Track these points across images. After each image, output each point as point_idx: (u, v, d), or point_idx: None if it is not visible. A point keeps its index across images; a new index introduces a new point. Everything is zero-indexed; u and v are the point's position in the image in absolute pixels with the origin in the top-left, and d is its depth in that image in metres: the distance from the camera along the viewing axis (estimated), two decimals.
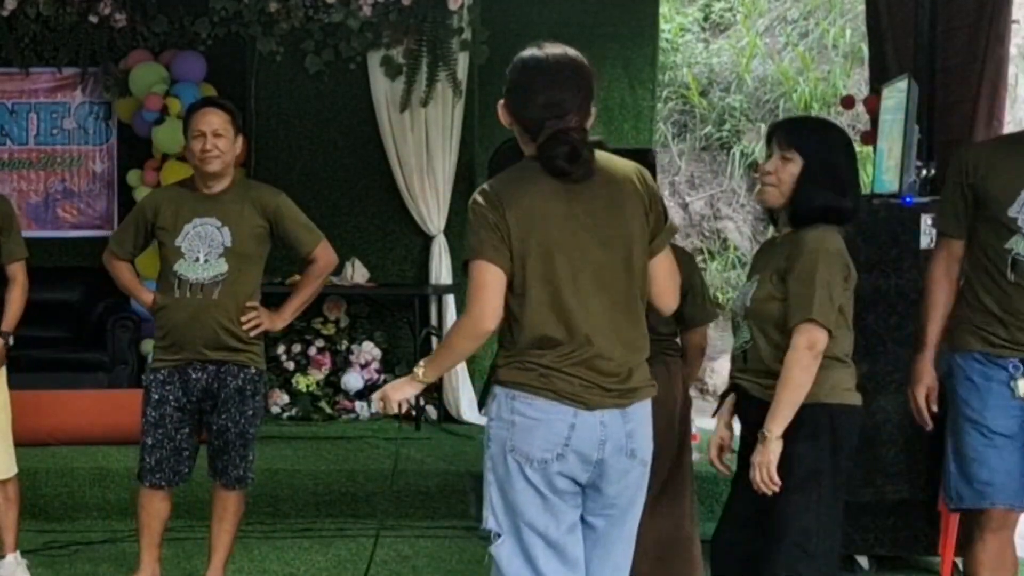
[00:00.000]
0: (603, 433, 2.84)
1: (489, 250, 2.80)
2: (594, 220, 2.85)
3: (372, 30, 7.21)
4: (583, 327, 2.82)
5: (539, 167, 2.85)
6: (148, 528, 4.42)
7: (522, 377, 2.82)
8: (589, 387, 2.82)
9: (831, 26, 11.33)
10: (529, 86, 2.85)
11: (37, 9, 7.32)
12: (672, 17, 11.74)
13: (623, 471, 2.89)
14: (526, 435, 2.81)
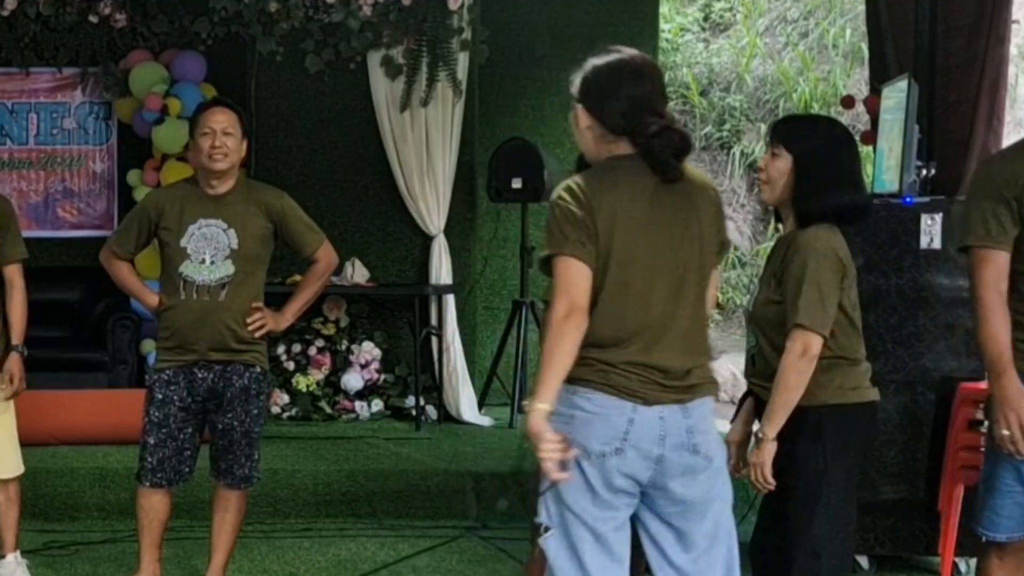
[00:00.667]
0: (662, 428, 2.84)
1: (577, 247, 2.79)
2: (673, 223, 2.87)
3: (372, 30, 7.21)
4: (649, 327, 2.84)
5: (629, 166, 2.86)
6: (148, 528, 4.41)
7: (583, 373, 2.82)
8: (647, 383, 2.83)
9: (831, 26, 11.33)
10: (620, 86, 2.88)
11: (37, 9, 7.32)
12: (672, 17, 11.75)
13: (687, 467, 2.88)
14: (584, 428, 2.82)
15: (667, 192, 2.86)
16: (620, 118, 2.86)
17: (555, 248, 2.81)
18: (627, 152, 2.88)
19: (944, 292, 4.93)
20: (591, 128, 2.93)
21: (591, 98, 2.91)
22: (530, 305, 7.27)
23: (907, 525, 4.98)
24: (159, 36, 7.53)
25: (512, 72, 8.01)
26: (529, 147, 7.22)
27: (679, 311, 2.88)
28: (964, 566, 4.97)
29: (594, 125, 2.92)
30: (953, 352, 4.93)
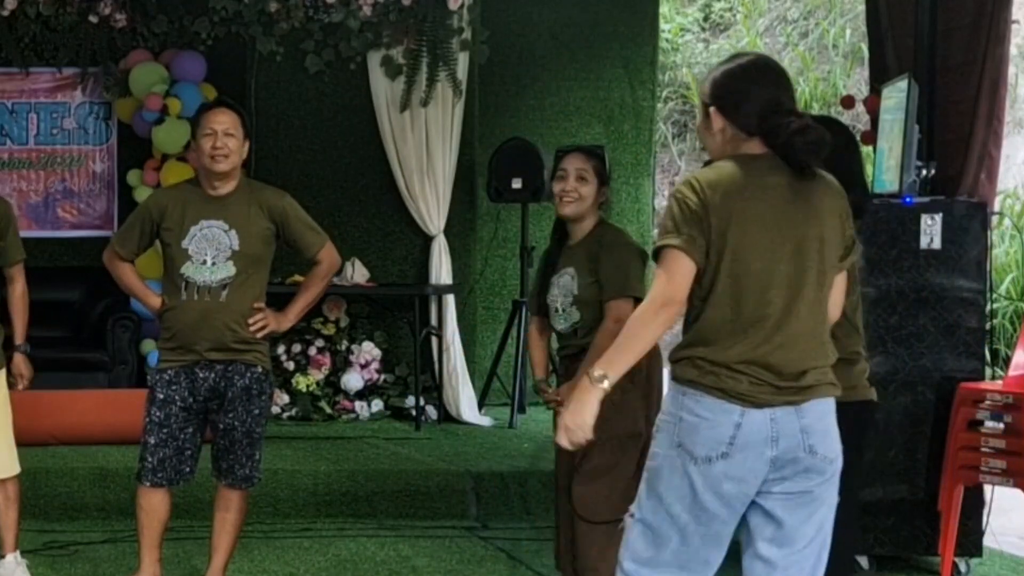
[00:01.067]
0: (774, 430, 2.82)
1: (686, 241, 2.80)
2: (796, 223, 2.86)
3: (372, 30, 7.22)
4: (763, 325, 2.83)
5: (757, 164, 2.87)
6: (149, 528, 4.41)
7: (693, 374, 2.84)
8: (759, 384, 2.82)
9: (831, 26, 11.33)
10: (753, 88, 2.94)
11: (37, 9, 7.32)
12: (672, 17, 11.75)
13: (803, 468, 2.85)
14: (691, 432, 2.82)
15: (793, 193, 2.86)
16: (755, 119, 2.89)
17: (665, 240, 2.83)
18: (759, 151, 2.89)
19: (944, 292, 4.93)
20: (724, 130, 2.95)
21: (725, 101, 2.96)
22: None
23: (907, 525, 4.98)
24: (159, 36, 7.53)
25: (512, 72, 8.01)
26: (529, 147, 7.22)
27: (796, 311, 2.85)
28: (964, 566, 4.97)
29: (727, 126, 2.95)
30: (953, 352, 4.93)
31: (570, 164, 4.15)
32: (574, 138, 8.16)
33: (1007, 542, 5.43)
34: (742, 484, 2.82)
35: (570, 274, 4.13)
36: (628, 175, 8.21)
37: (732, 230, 2.81)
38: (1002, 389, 4.72)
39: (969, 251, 4.93)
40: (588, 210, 4.18)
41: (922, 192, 5.09)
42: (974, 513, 4.93)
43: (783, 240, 2.84)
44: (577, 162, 4.15)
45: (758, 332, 2.82)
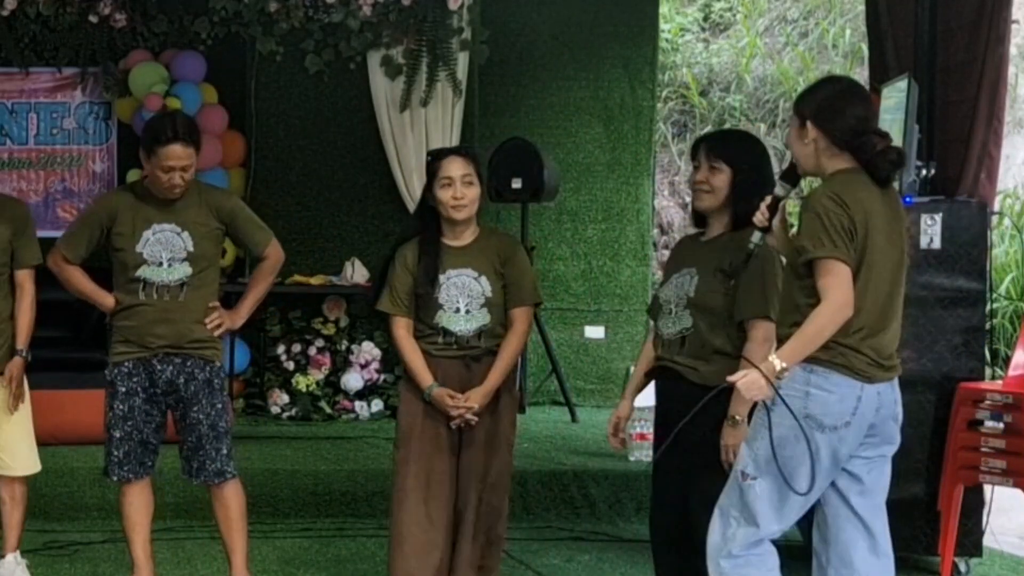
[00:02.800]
0: (879, 402, 3.36)
1: (843, 251, 3.23)
2: (893, 230, 3.35)
3: (372, 30, 7.22)
4: (877, 315, 3.33)
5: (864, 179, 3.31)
6: (139, 524, 4.44)
7: (822, 354, 3.26)
8: (872, 364, 3.33)
9: (831, 26, 11.33)
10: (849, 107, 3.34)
11: (37, 9, 7.32)
12: (672, 17, 11.74)
13: (890, 433, 3.45)
14: (821, 405, 3.28)
15: (889, 202, 3.35)
16: (849, 135, 3.32)
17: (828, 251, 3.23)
18: (850, 165, 3.33)
19: (944, 292, 4.93)
20: (816, 141, 3.36)
21: (822, 116, 3.35)
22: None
23: (907, 525, 4.97)
24: (159, 36, 7.52)
25: (512, 72, 8.01)
26: (529, 147, 7.22)
27: (892, 302, 3.39)
28: (964, 566, 4.97)
29: (820, 138, 3.35)
30: (953, 352, 4.93)
31: (454, 171, 4.13)
32: (574, 138, 8.18)
33: (1007, 542, 5.44)
34: (850, 448, 3.35)
35: (471, 276, 4.13)
36: (628, 175, 8.21)
37: (869, 237, 3.27)
38: (1002, 389, 4.73)
39: (969, 251, 4.93)
40: (475, 214, 4.20)
41: (922, 192, 5.09)
42: (974, 513, 4.94)
43: (887, 243, 3.32)
44: (460, 167, 4.14)
45: (874, 323, 3.32)
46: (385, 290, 4.23)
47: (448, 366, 4.15)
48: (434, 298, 4.12)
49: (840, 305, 3.21)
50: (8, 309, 4.57)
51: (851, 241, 3.24)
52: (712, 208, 3.81)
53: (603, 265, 8.19)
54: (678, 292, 3.78)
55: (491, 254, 4.17)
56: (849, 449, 3.34)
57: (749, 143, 4.03)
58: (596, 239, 8.19)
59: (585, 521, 5.82)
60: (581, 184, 8.15)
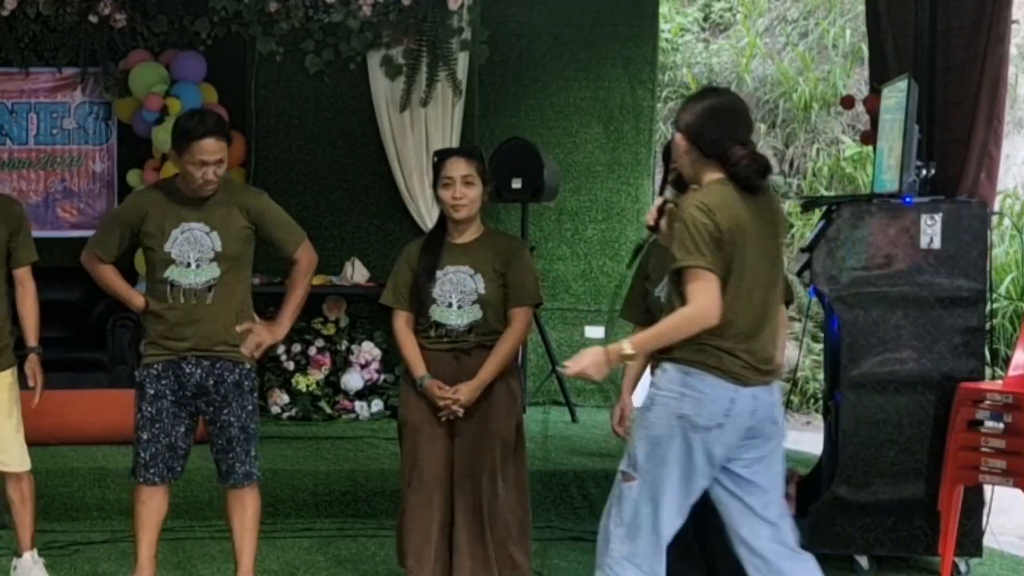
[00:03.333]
0: (754, 405, 3.42)
1: (708, 260, 3.32)
2: (762, 232, 3.44)
3: (372, 30, 7.21)
4: (751, 320, 3.41)
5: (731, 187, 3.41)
6: (148, 526, 4.42)
7: (698, 356, 3.37)
8: (748, 367, 3.40)
9: (831, 26, 11.32)
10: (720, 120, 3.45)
11: (37, 9, 7.32)
12: (672, 17, 11.74)
13: (768, 435, 3.49)
14: (694, 405, 3.37)
15: (757, 210, 3.43)
16: (714, 146, 3.42)
17: (692, 260, 3.33)
18: (721, 175, 3.43)
19: (944, 292, 4.93)
20: (689, 153, 3.48)
21: (690, 128, 3.47)
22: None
23: (907, 525, 4.98)
24: (159, 36, 7.53)
25: (512, 72, 8.01)
26: (529, 147, 7.22)
27: (766, 307, 3.47)
28: (964, 566, 4.97)
29: (691, 150, 3.47)
30: (953, 352, 4.93)
31: (455, 171, 4.22)
32: (574, 138, 8.17)
33: (1007, 542, 5.44)
34: (724, 450, 3.41)
35: (467, 272, 4.21)
36: (628, 175, 8.21)
37: (736, 244, 3.36)
38: (1002, 389, 4.72)
39: (969, 251, 4.93)
40: (477, 212, 4.28)
41: (922, 192, 5.09)
42: (974, 513, 4.94)
43: (758, 250, 3.41)
44: (462, 168, 4.22)
45: (749, 327, 3.40)
46: (389, 284, 4.37)
47: (439, 358, 4.25)
48: (429, 292, 4.22)
49: (701, 310, 3.31)
50: (5, 307, 4.58)
51: (718, 250, 3.33)
52: None
53: (603, 265, 8.20)
54: None
55: (492, 255, 4.25)
56: (725, 450, 3.41)
57: None
58: (596, 239, 8.19)
59: (585, 521, 5.81)
60: (581, 184, 8.16)
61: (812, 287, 5.12)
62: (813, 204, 5.94)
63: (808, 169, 10.64)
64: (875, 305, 4.94)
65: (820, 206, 5.65)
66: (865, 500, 4.97)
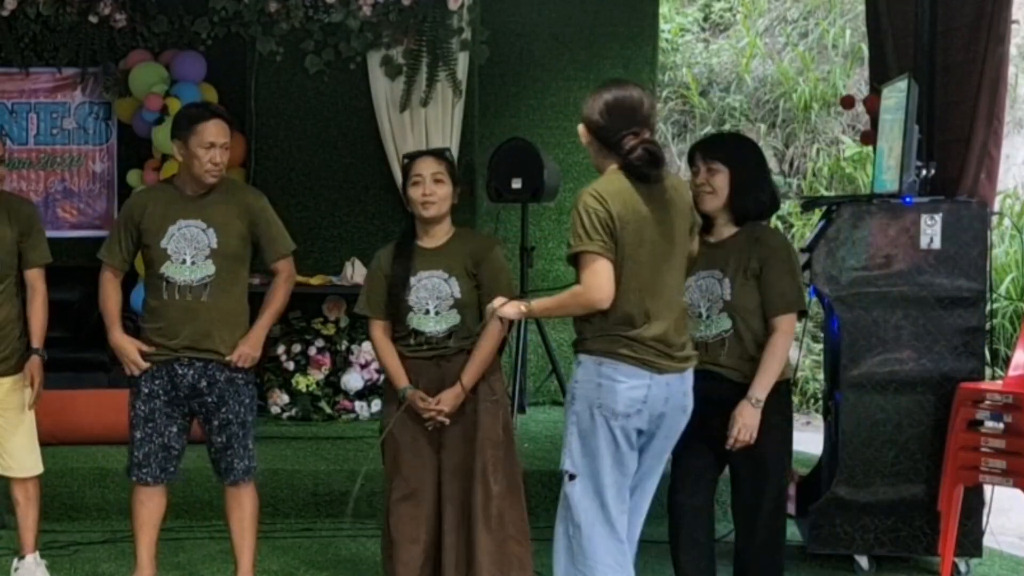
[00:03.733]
0: (668, 392, 3.53)
1: (599, 244, 3.42)
2: (662, 220, 3.53)
3: (372, 30, 7.22)
4: (659, 308, 3.50)
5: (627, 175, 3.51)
6: (148, 525, 4.43)
7: (611, 347, 3.48)
8: (661, 355, 3.50)
9: (831, 26, 11.32)
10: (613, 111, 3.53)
11: (37, 9, 7.32)
12: (672, 17, 11.74)
13: (677, 424, 3.62)
14: (611, 394, 3.48)
15: (654, 198, 3.52)
16: (607, 136, 3.53)
17: (584, 246, 3.43)
18: (618, 165, 3.54)
19: (944, 292, 4.93)
20: (591, 144, 3.60)
21: (589, 120, 3.58)
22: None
23: (907, 525, 4.98)
24: (159, 36, 7.53)
25: (512, 72, 8.01)
26: (529, 147, 7.22)
27: (674, 295, 3.57)
28: (964, 566, 4.97)
29: (592, 141, 3.59)
30: (953, 352, 4.93)
31: (424, 169, 4.21)
32: (574, 138, 8.11)
33: (1007, 542, 5.44)
34: (638, 435, 3.55)
35: (441, 277, 4.17)
36: None
37: (630, 231, 3.46)
38: (1002, 389, 4.72)
39: (969, 251, 4.93)
40: (447, 211, 4.27)
41: (922, 192, 5.10)
42: (974, 513, 4.94)
43: (660, 237, 3.51)
44: (431, 166, 4.22)
45: (657, 315, 3.50)
46: (363, 293, 4.32)
47: (421, 366, 4.19)
48: (405, 300, 4.16)
49: (590, 290, 3.44)
50: (16, 309, 4.58)
51: (611, 236, 3.43)
52: (717, 208, 3.95)
53: None
54: (708, 296, 3.92)
55: (463, 255, 4.20)
56: (638, 436, 3.56)
57: (742, 142, 4.23)
58: None
59: None
60: (581, 184, 8.07)
61: (812, 287, 5.12)
62: (813, 204, 5.94)
63: (808, 169, 10.64)
64: (875, 305, 4.94)
65: (820, 206, 5.65)
66: (865, 500, 4.97)
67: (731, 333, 3.89)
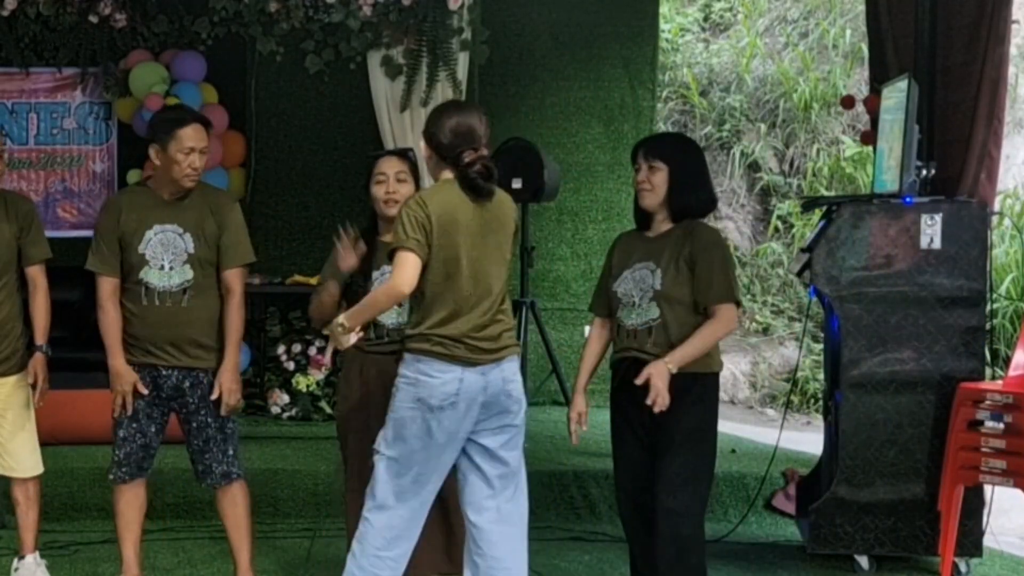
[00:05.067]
0: (484, 381, 3.78)
1: (413, 242, 3.72)
2: (486, 227, 3.83)
3: (372, 30, 7.21)
4: (472, 308, 3.78)
5: (457, 187, 3.81)
6: (132, 523, 4.46)
7: (426, 345, 3.76)
8: (472, 350, 3.77)
9: (831, 26, 11.32)
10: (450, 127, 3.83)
11: (37, 9, 7.31)
12: (672, 17, 11.75)
13: (505, 407, 3.84)
14: (427, 389, 3.74)
15: (479, 212, 3.82)
16: (445, 150, 3.84)
17: (399, 243, 3.74)
18: (451, 176, 3.84)
19: (944, 292, 4.93)
20: (430, 158, 3.90)
21: (428, 134, 3.90)
22: (530, 305, 7.27)
23: (907, 525, 4.98)
24: (159, 36, 7.52)
25: (512, 72, 8.01)
26: (529, 147, 7.21)
27: (492, 294, 3.83)
28: (964, 566, 4.97)
29: (432, 155, 3.89)
30: (953, 352, 4.94)
31: (388, 168, 4.42)
32: (574, 138, 8.17)
33: (1007, 542, 5.44)
34: (458, 426, 3.76)
35: None
36: (628, 175, 8.10)
37: (447, 236, 3.73)
38: (1002, 389, 4.73)
39: (969, 251, 4.94)
40: None
41: (922, 192, 5.10)
42: (974, 513, 4.94)
43: (481, 244, 3.79)
44: (394, 165, 4.41)
45: (470, 316, 3.77)
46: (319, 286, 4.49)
47: (380, 361, 4.19)
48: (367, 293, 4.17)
49: (396, 284, 3.74)
50: (17, 307, 4.58)
51: (425, 236, 3.73)
52: (655, 205, 4.11)
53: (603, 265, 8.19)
54: (640, 285, 4.05)
55: None
56: (462, 426, 3.77)
57: (683, 142, 4.43)
58: (596, 239, 8.19)
59: (585, 521, 5.82)
60: (581, 184, 8.16)
61: (812, 287, 5.12)
62: (813, 204, 5.94)
63: (808, 169, 10.64)
64: (875, 305, 4.94)
65: (820, 206, 5.65)
66: (865, 500, 4.98)
67: (658, 322, 4.01)
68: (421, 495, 3.83)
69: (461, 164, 3.81)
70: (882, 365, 4.94)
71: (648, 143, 4.25)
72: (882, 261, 4.94)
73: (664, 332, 4.00)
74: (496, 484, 3.86)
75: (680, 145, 4.32)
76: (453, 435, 3.78)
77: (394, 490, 3.81)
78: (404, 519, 3.83)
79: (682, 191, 4.07)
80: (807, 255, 5.08)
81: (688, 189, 4.08)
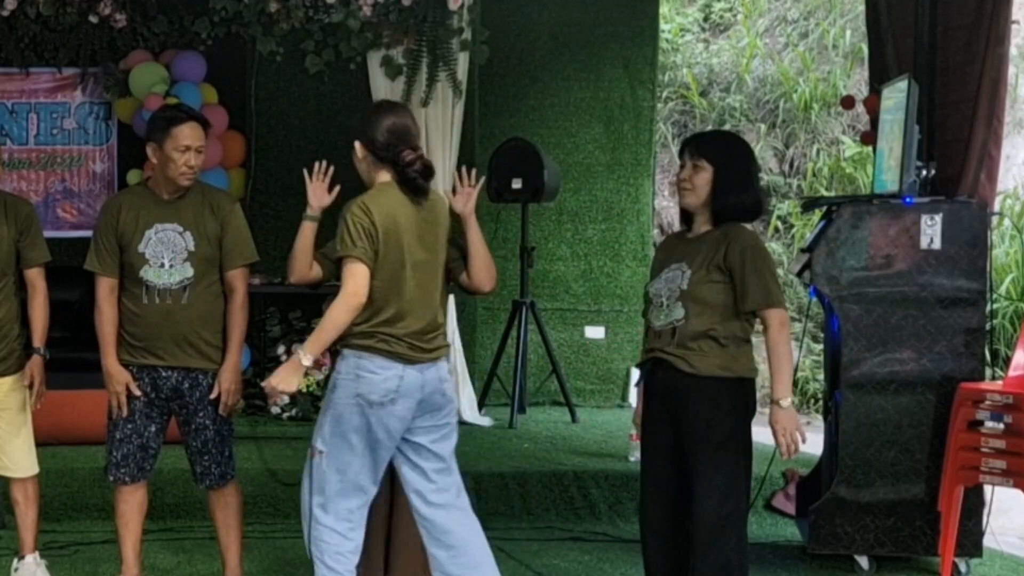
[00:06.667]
0: (422, 379, 3.86)
1: (360, 250, 3.76)
2: (425, 227, 3.88)
3: (372, 30, 7.21)
4: (413, 307, 3.85)
5: (396, 189, 3.85)
6: (131, 524, 4.45)
7: (368, 342, 3.82)
8: (412, 348, 3.84)
9: (831, 26, 11.32)
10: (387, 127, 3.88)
11: (37, 9, 7.32)
12: (672, 17, 11.74)
13: (438, 405, 3.93)
14: (368, 385, 3.81)
15: (419, 211, 3.87)
16: (383, 150, 3.86)
17: (347, 251, 3.77)
18: (389, 179, 3.87)
19: (944, 292, 4.93)
20: (366, 158, 3.91)
21: (364, 135, 3.90)
22: (530, 305, 7.27)
23: (907, 525, 4.99)
24: (159, 36, 7.52)
25: (512, 72, 8.01)
26: (529, 147, 7.22)
27: (430, 294, 3.90)
28: (964, 566, 4.97)
29: (367, 156, 3.90)
30: (953, 352, 4.94)
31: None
32: (574, 138, 8.18)
33: (1007, 542, 5.44)
34: (400, 425, 3.84)
35: None
36: (628, 175, 8.21)
37: (389, 239, 3.78)
38: (1002, 389, 4.72)
39: (969, 251, 4.94)
40: None
41: (922, 192, 5.10)
42: (974, 513, 4.94)
43: (419, 244, 3.84)
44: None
45: (409, 314, 3.83)
46: None
47: None
48: None
49: (349, 294, 3.77)
50: (15, 309, 4.58)
51: (371, 243, 3.77)
52: (695, 205, 3.94)
53: (603, 265, 8.20)
54: (669, 286, 3.90)
55: None
56: (401, 423, 3.84)
57: (732, 143, 4.14)
58: (596, 239, 8.19)
59: (585, 521, 5.82)
60: (581, 184, 8.16)
61: (812, 287, 5.12)
62: (813, 204, 5.93)
63: (808, 169, 10.63)
64: (875, 305, 4.94)
65: (820, 206, 5.65)
66: (865, 500, 4.98)
67: (681, 323, 3.84)
68: (365, 490, 3.88)
69: (401, 163, 3.84)
70: (882, 365, 4.94)
71: (697, 140, 4.07)
72: (882, 261, 4.94)
73: (685, 332, 3.84)
74: (435, 478, 3.95)
75: (729, 145, 4.08)
76: (390, 431, 3.84)
77: (338, 483, 3.85)
78: (351, 512, 3.87)
79: (726, 194, 3.87)
80: (807, 255, 5.08)
81: (733, 192, 3.87)
